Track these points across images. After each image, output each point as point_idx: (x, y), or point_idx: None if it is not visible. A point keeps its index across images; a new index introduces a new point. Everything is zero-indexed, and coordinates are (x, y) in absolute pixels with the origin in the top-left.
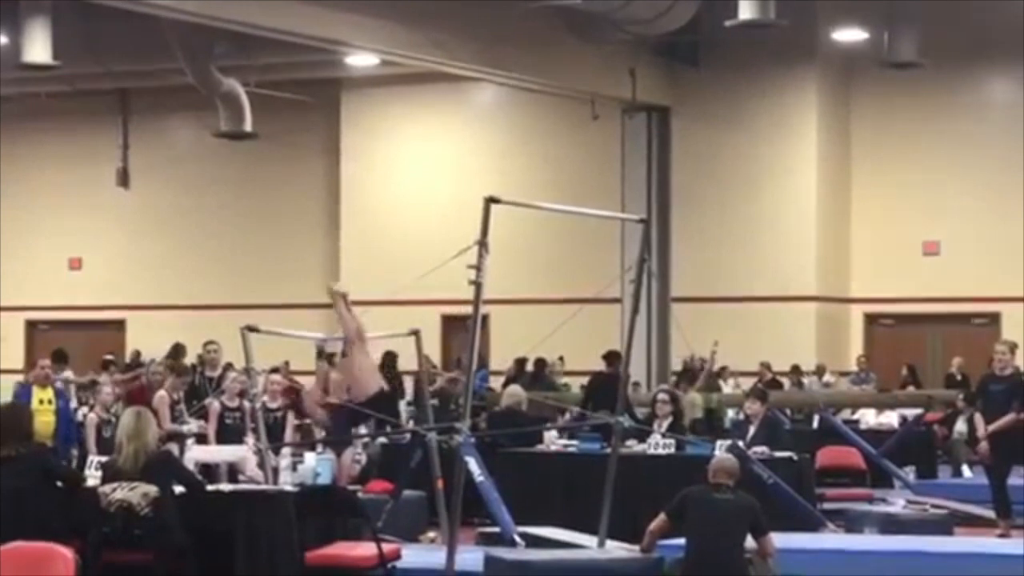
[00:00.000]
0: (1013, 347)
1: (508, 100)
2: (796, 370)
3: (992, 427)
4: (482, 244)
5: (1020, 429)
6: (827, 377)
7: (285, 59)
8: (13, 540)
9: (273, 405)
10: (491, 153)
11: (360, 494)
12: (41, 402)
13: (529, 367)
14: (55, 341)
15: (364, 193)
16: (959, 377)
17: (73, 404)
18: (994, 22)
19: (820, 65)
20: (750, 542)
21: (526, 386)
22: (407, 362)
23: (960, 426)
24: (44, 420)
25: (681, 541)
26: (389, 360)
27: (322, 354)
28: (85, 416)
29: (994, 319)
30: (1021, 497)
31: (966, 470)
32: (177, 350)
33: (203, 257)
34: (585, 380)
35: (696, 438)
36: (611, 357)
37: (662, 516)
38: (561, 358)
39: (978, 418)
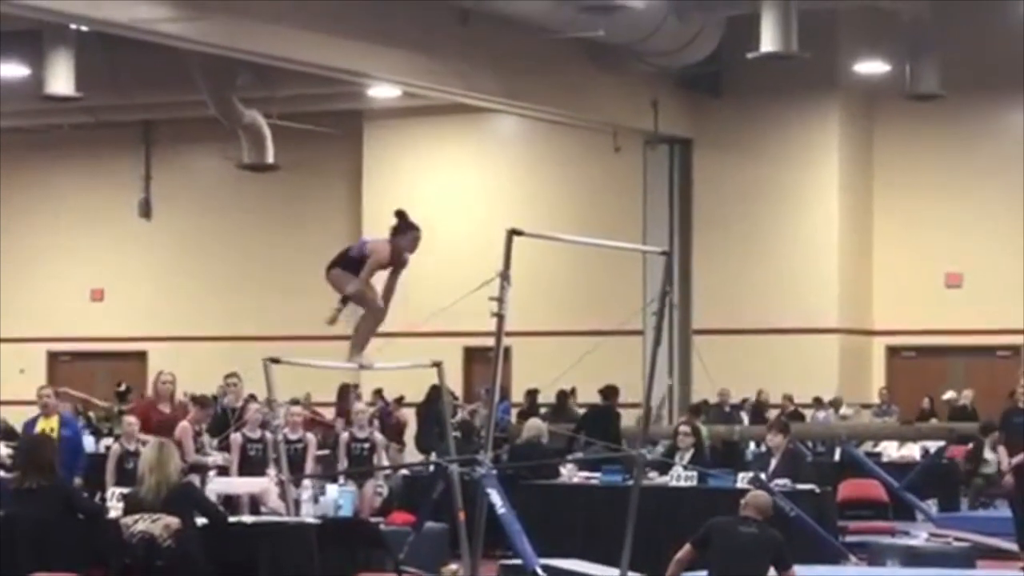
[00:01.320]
0: None
1: (530, 132)
2: (818, 402)
3: (1016, 460)
4: (504, 276)
5: None
6: (844, 410)
7: (307, 91)
8: (35, 572)
9: (294, 437)
10: (513, 185)
11: (382, 526)
12: (43, 431)
13: (550, 399)
14: (77, 372)
15: (386, 224)
16: (970, 409)
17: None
18: (1016, 53)
19: (842, 97)
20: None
21: (548, 418)
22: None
23: (988, 455)
24: None
25: (703, 574)
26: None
27: None
28: (108, 448)
29: (1017, 351)
30: None
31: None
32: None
33: (225, 288)
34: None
35: (717, 471)
36: (608, 391)
37: (687, 546)
38: (573, 390)
39: (1002, 451)
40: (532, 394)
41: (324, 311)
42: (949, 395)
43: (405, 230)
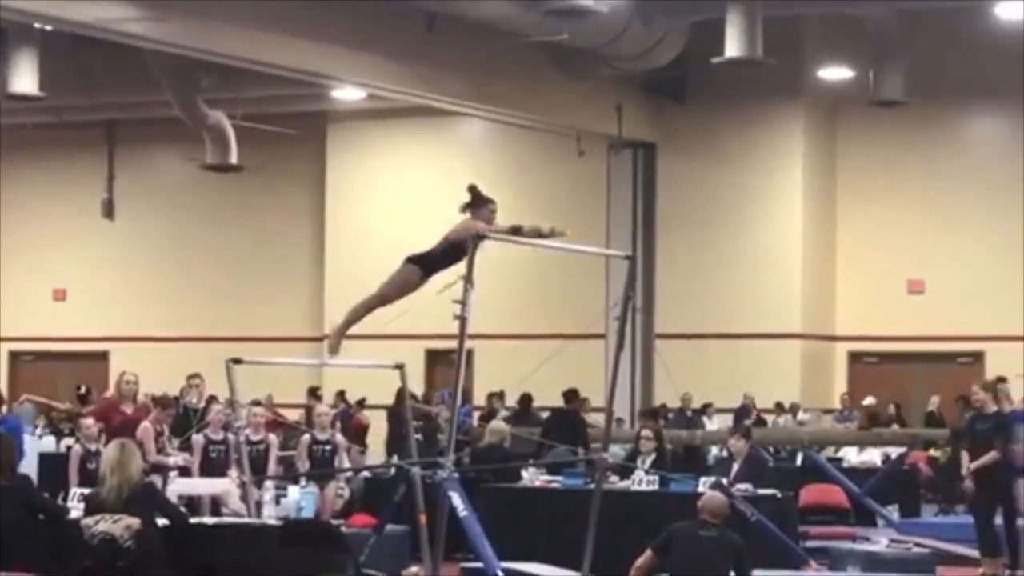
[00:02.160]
0: (987, 387)
1: (494, 135)
2: (780, 407)
3: (974, 464)
4: (467, 279)
5: (1003, 467)
6: (802, 415)
7: (271, 92)
8: None
9: (256, 437)
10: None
11: (343, 528)
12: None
13: (513, 403)
14: (39, 372)
15: (349, 226)
16: (937, 415)
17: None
18: (979, 61)
19: (806, 102)
20: None
21: (511, 421)
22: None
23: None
24: None
25: None
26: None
27: None
28: (69, 448)
29: (978, 358)
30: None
31: None
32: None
33: (188, 288)
34: None
35: (679, 475)
36: (570, 395)
37: (648, 552)
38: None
39: (964, 456)
40: (492, 398)
41: (286, 311)
42: (935, 400)
43: (480, 204)
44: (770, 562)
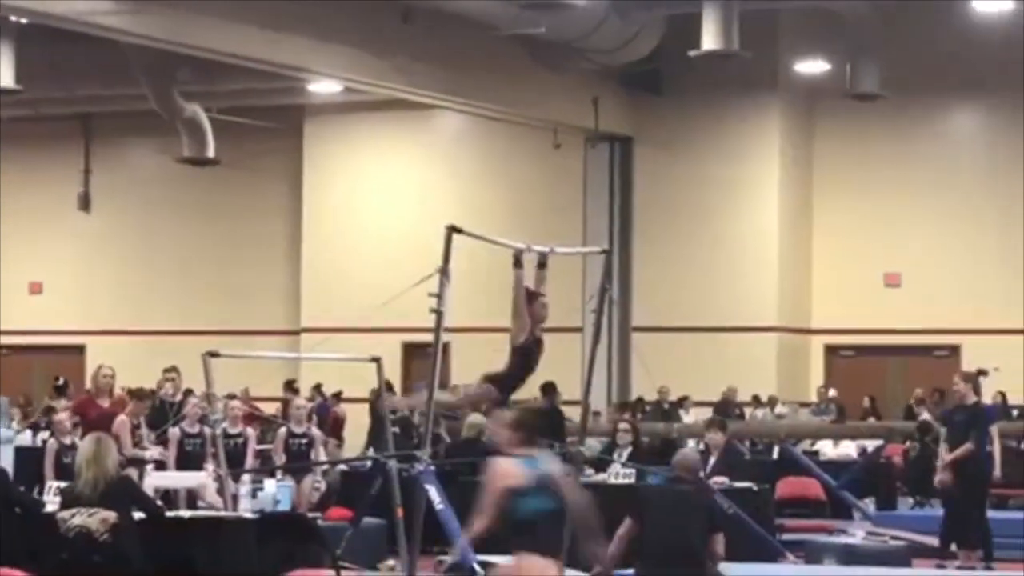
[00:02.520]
0: (968, 377)
1: (471, 128)
2: (756, 400)
3: (950, 456)
4: (444, 272)
5: (979, 458)
6: (780, 408)
7: (248, 85)
8: None
9: (233, 431)
10: (454, 181)
11: (319, 521)
12: None
13: None
14: (14, 365)
15: (326, 220)
16: (916, 410)
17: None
18: (955, 55)
19: (783, 96)
20: None
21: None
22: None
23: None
24: None
25: None
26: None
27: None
28: (45, 442)
29: (954, 351)
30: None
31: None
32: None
33: (164, 282)
34: None
35: (656, 468)
36: (547, 388)
37: (627, 520)
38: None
39: (943, 448)
40: None
41: (263, 305)
42: (918, 393)
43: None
44: (747, 555)
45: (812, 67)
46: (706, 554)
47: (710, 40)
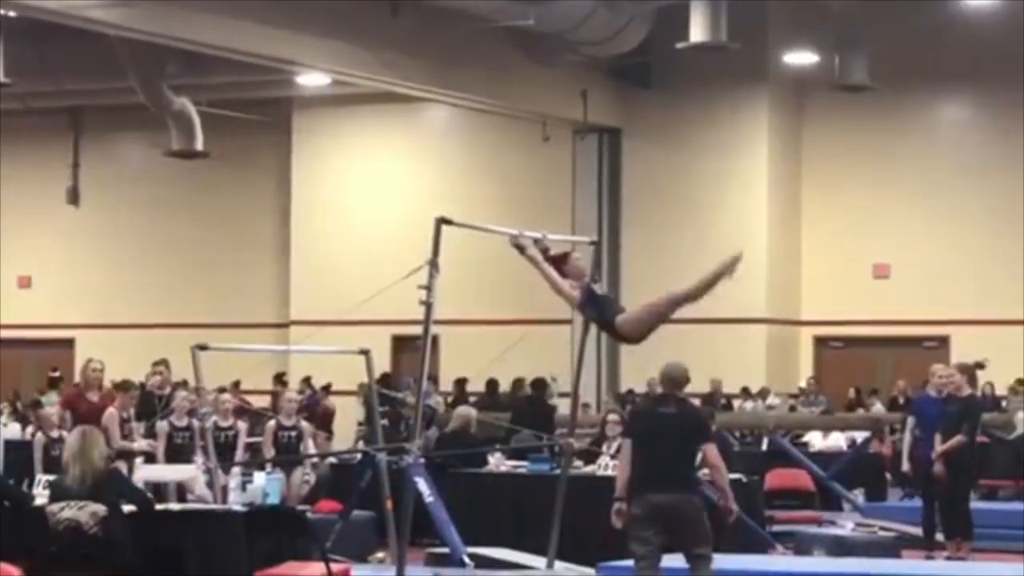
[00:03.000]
0: (965, 369)
1: (460, 121)
2: (746, 392)
3: (941, 448)
4: (433, 264)
5: (970, 450)
6: (771, 399)
7: (236, 78)
8: None
9: (225, 424)
10: (443, 173)
11: (309, 514)
12: None
13: (479, 388)
14: (4, 359)
15: (315, 212)
16: (902, 400)
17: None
18: (943, 46)
19: (771, 87)
20: None
21: (478, 407)
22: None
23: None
24: None
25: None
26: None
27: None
28: (33, 436)
29: (943, 342)
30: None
31: None
32: None
33: (153, 276)
34: None
35: None
36: (538, 383)
37: (625, 441)
38: (554, 379)
39: (937, 439)
40: (461, 383)
41: (252, 298)
42: (900, 384)
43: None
44: (736, 547)
45: (800, 59)
46: (695, 474)
47: (698, 32)
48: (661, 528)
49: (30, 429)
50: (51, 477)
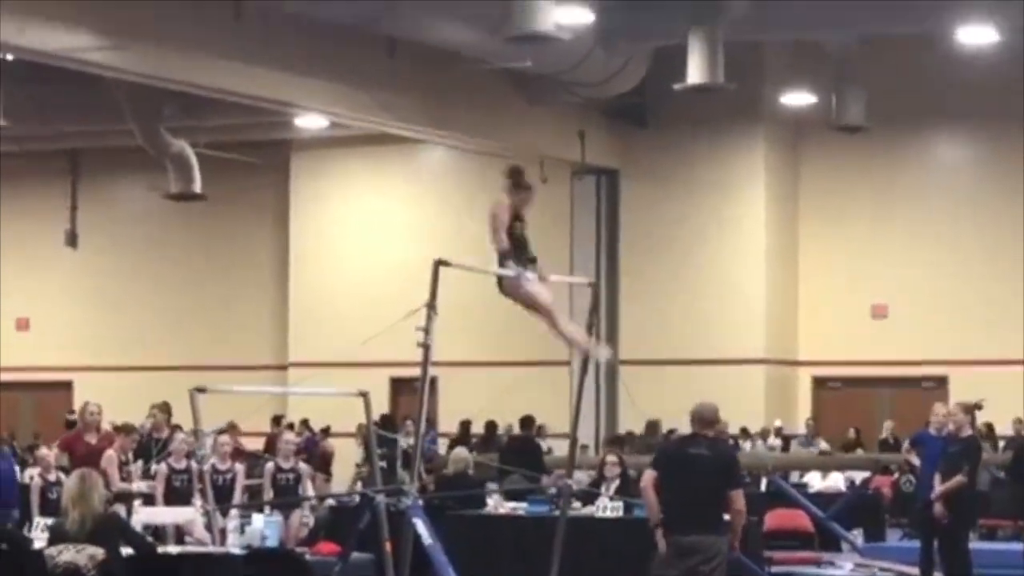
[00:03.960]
0: (968, 409)
1: (457, 162)
2: (745, 433)
3: (940, 489)
4: (431, 307)
5: (970, 491)
6: (772, 440)
7: (234, 121)
8: None
9: (223, 467)
10: (440, 215)
11: (308, 556)
12: None
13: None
14: (1, 402)
15: (313, 254)
16: (891, 441)
17: None
18: (940, 87)
19: (768, 128)
20: None
21: (477, 449)
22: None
23: None
24: None
25: None
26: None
27: None
28: (31, 478)
29: (942, 382)
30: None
31: None
32: None
33: (151, 318)
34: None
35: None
36: (526, 421)
37: (651, 472)
38: (541, 426)
39: (936, 479)
40: (465, 425)
41: (250, 341)
42: (889, 425)
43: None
44: None
45: (797, 99)
46: (722, 515)
47: (695, 73)
48: (684, 569)
49: (28, 472)
50: (49, 520)
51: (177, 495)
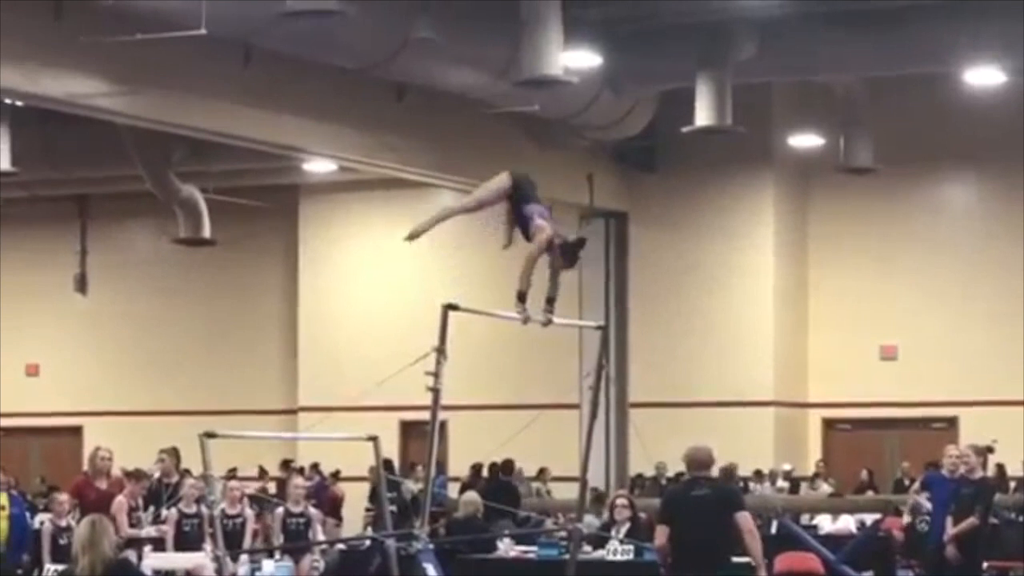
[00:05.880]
0: (980, 451)
1: None
2: (759, 475)
3: (954, 530)
4: (440, 351)
5: (984, 533)
6: (780, 482)
7: (243, 165)
8: None
9: (233, 511)
10: (449, 259)
11: None
12: None
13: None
14: (11, 448)
15: (322, 299)
16: (907, 482)
17: None
18: (948, 127)
19: (776, 170)
20: None
21: (488, 492)
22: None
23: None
24: None
25: None
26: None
27: None
28: (43, 524)
29: (952, 423)
30: None
31: None
32: None
33: (160, 363)
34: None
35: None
36: (506, 466)
37: (660, 528)
38: (542, 470)
39: (949, 522)
40: (477, 468)
41: (259, 385)
42: (904, 466)
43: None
44: None
45: (805, 141)
46: (732, 554)
47: (703, 116)
48: None
49: (39, 518)
50: (59, 567)
51: (187, 540)
